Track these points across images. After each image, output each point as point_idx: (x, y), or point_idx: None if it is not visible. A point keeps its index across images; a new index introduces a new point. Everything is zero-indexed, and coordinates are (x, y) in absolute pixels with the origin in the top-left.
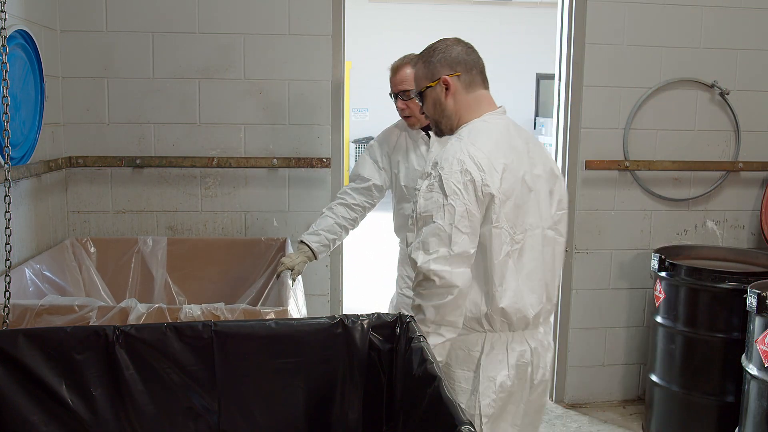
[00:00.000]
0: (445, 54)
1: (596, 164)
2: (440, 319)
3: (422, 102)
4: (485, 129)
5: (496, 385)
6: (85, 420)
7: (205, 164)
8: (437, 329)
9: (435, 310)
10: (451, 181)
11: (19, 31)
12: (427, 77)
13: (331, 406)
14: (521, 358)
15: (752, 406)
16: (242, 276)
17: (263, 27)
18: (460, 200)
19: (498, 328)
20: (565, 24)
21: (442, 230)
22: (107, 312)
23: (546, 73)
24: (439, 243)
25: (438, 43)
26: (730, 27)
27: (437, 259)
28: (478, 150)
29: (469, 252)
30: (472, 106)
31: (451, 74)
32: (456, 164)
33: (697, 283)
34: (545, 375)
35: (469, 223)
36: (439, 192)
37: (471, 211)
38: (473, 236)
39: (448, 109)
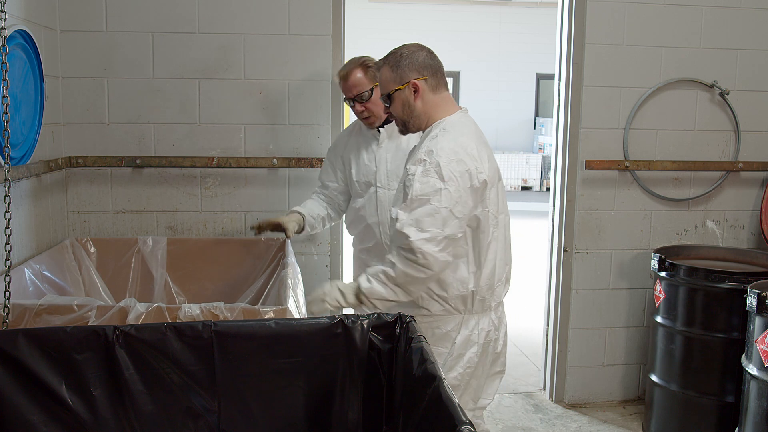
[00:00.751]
0: (412, 59)
1: (596, 164)
2: (403, 284)
3: (390, 103)
4: (464, 124)
5: (464, 360)
6: (85, 420)
7: (205, 164)
8: (395, 288)
9: (404, 276)
10: (449, 168)
11: (19, 31)
12: (396, 81)
13: (331, 406)
14: (487, 337)
15: (752, 406)
16: (242, 276)
17: (263, 27)
18: (456, 186)
19: (475, 309)
20: (565, 24)
21: (437, 212)
22: (106, 311)
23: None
24: (432, 223)
25: (403, 48)
26: (730, 27)
27: (429, 239)
28: (467, 141)
29: (457, 236)
30: (439, 106)
31: (419, 78)
32: (452, 154)
33: (697, 283)
34: (497, 348)
35: (462, 209)
36: (436, 177)
37: (464, 198)
38: (463, 222)
39: (417, 109)
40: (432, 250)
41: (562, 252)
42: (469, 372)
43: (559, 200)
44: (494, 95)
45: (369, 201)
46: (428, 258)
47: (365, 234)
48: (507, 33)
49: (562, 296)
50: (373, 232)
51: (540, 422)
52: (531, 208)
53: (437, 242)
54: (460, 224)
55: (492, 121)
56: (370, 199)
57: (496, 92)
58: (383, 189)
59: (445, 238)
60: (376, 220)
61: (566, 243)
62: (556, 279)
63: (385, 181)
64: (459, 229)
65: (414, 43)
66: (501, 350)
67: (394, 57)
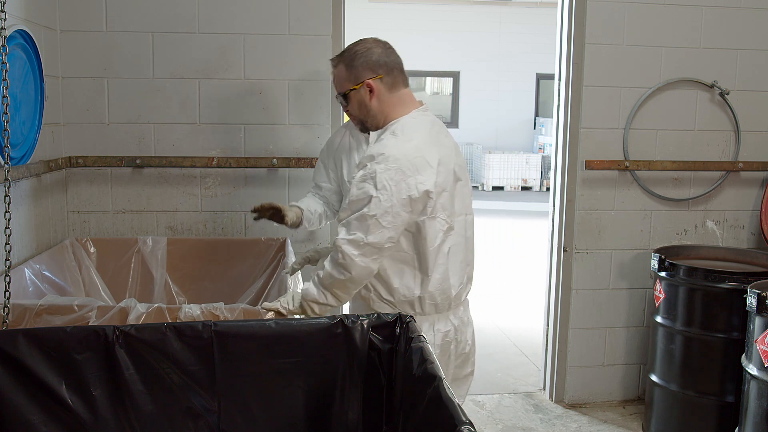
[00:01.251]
0: (366, 57)
1: (596, 164)
2: (329, 287)
3: (347, 103)
4: (416, 125)
5: None
6: (84, 420)
7: (205, 164)
8: (324, 291)
9: (329, 278)
10: (384, 177)
11: (19, 31)
12: (350, 80)
13: (331, 406)
14: (445, 338)
15: (752, 406)
16: (242, 276)
17: (263, 27)
18: (388, 196)
19: (426, 311)
20: (565, 24)
21: (364, 218)
22: (107, 312)
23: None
24: (358, 227)
25: (358, 45)
26: (730, 27)
27: (351, 241)
28: (413, 148)
29: (384, 245)
30: (396, 105)
31: (374, 77)
32: (392, 161)
33: (697, 283)
34: (465, 348)
35: (392, 219)
36: (371, 184)
37: (396, 208)
38: (393, 231)
39: (373, 109)
40: (351, 253)
41: (562, 252)
42: None
43: (559, 200)
44: (494, 95)
45: None
46: (346, 259)
47: None
48: (507, 33)
49: (562, 296)
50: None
51: (540, 422)
52: (531, 208)
53: (358, 246)
54: (388, 234)
55: (492, 121)
56: None
57: (496, 92)
58: None
59: (367, 244)
60: None
61: (566, 243)
62: (556, 279)
63: None
64: (385, 238)
65: (370, 38)
66: (470, 350)
67: (349, 55)
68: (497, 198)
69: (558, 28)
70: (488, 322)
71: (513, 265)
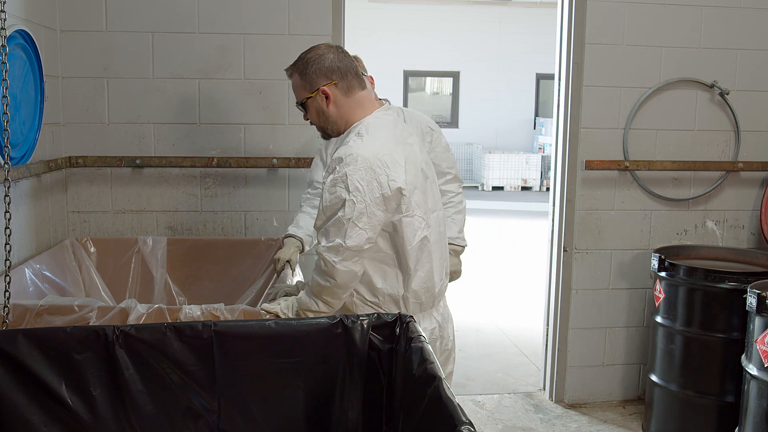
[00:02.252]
0: (318, 64)
1: (596, 164)
2: (318, 294)
3: (306, 111)
4: (380, 125)
5: None
6: (84, 420)
7: (205, 164)
8: (316, 299)
9: (317, 286)
10: (355, 178)
11: (19, 31)
12: (306, 89)
13: (331, 406)
14: (431, 336)
15: (752, 406)
16: (242, 276)
17: (263, 27)
18: (361, 197)
19: (411, 310)
20: (565, 24)
21: (341, 223)
22: (107, 312)
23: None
24: (336, 233)
25: (310, 53)
26: (730, 27)
27: (331, 248)
28: (380, 146)
29: (363, 247)
30: (355, 108)
31: (328, 83)
32: (361, 161)
33: (697, 283)
34: (448, 345)
35: (368, 220)
36: (343, 187)
37: (371, 208)
38: (370, 231)
39: (332, 116)
40: (333, 259)
41: (562, 252)
42: None
43: (559, 200)
44: (494, 95)
45: None
46: (328, 266)
47: None
48: (507, 33)
49: (562, 296)
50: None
51: (540, 422)
52: (531, 208)
53: (338, 252)
54: (366, 235)
55: (492, 121)
56: None
57: (496, 92)
58: None
59: (347, 249)
60: None
61: (566, 243)
62: (556, 279)
63: None
64: (364, 240)
65: (322, 44)
66: (451, 346)
67: (302, 63)
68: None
69: (558, 28)
70: (488, 322)
71: (513, 265)
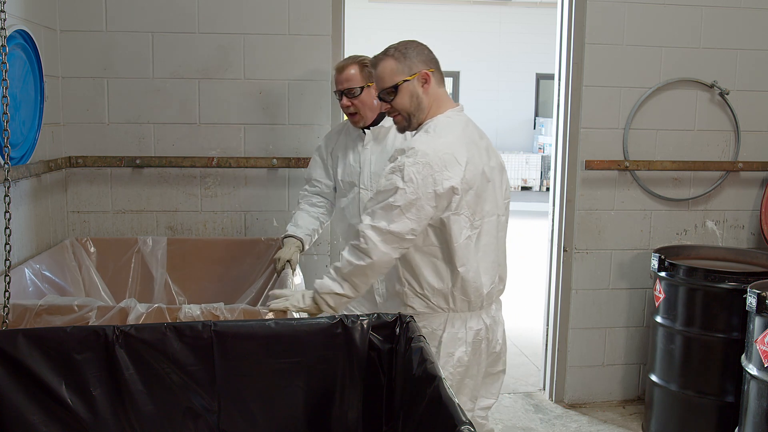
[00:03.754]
0: (419, 50)
1: (596, 164)
2: (347, 275)
3: (394, 96)
4: (449, 125)
5: (454, 359)
6: (84, 420)
7: (205, 164)
8: (342, 281)
9: (348, 265)
10: (412, 170)
11: (18, 31)
12: (404, 72)
13: (331, 406)
14: (477, 336)
15: (752, 406)
16: (242, 276)
17: (263, 27)
18: (413, 189)
19: (459, 307)
20: (565, 24)
21: (390, 207)
22: (107, 312)
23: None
24: (382, 215)
25: (405, 42)
26: (730, 27)
27: (374, 227)
28: (443, 144)
29: (404, 236)
30: (441, 99)
31: (428, 69)
32: (420, 156)
33: (697, 283)
34: (496, 347)
35: (416, 212)
36: (399, 176)
37: (421, 201)
38: (415, 223)
39: (424, 101)
40: (374, 238)
41: (562, 252)
42: (461, 371)
43: (559, 200)
44: (494, 95)
45: (352, 201)
46: (368, 243)
47: (347, 233)
48: (507, 33)
49: (561, 296)
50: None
51: (540, 422)
52: (531, 208)
53: (380, 232)
54: (411, 226)
55: (492, 121)
56: (353, 200)
57: (496, 92)
58: (366, 190)
59: (389, 232)
60: (357, 221)
61: (566, 243)
62: (556, 279)
63: (368, 182)
64: (407, 229)
65: (411, 39)
66: (500, 350)
67: (397, 50)
68: None
69: (558, 28)
70: None
71: (513, 265)
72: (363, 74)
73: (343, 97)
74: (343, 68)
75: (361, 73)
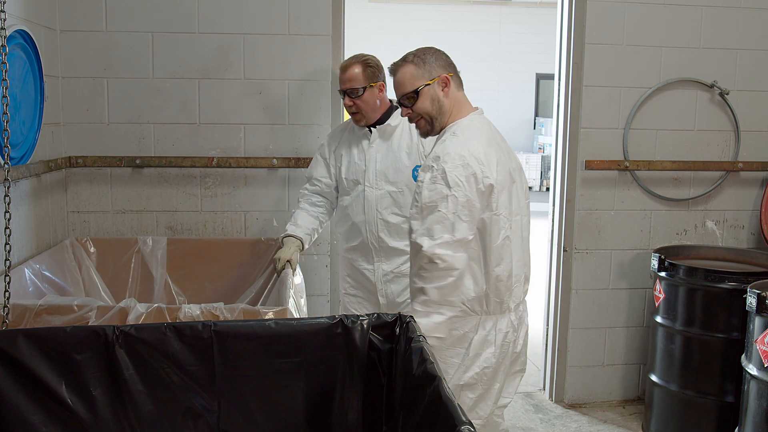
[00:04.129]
0: (438, 56)
1: (596, 164)
2: (442, 299)
3: (415, 101)
4: (474, 127)
5: (480, 359)
6: (84, 420)
7: (205, 164)
8: (439, 309)
9: (438, 291)
10: (454, 174)
11: (18, 31)
12: (424, 76)
13: (331, 406)
14: (505, 339)
15: (752, 406)
16: (242, 276)
17: (263, 27)
18: (462, 191)
19: (492, 309)
20: (564, 24)
21: (445, 218)
22: (107, 312)
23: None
24: (442, 230)
25: (423, 49)
26: (730, 27)
27: (441, 244)
28: (475, 145)
29: (468, 238)
30: (461, 103)
31: (447, 74)
32: (458, 159)
33: (697, 283)
34: (517, 348)
35: (469, 213)
36: (443, 184)
37: (471, 201)
38: (472, 224)
39: (445, 105)
40: (447, 253)
41: (562, 252)
42: (488, 372)
43: (559, 200)
44: (494, 95)
45: (356, 199)
46: (447, 260)
47: (351, 232)
48: (507, 33)
49: (561, 296)
50: (359, 231)
51: (540, 422)
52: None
53: (450, 246)
54: (470, 227)
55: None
56: (357, 198)
57: (496, 92)
58: (371, 188)
59: (456, 241)
60: (362, 218)
61: (566, 243)
62: (556, 279)
63: (373, 180)
64: (469, 232)
65: (429, 46)
66: (521, 350)
67: (416, 56)
68: None
69: (558, 28)
70: None
71: None
72: (366, 74)
73: (346, 96)
74: (346, 68)
75: (364, 73)
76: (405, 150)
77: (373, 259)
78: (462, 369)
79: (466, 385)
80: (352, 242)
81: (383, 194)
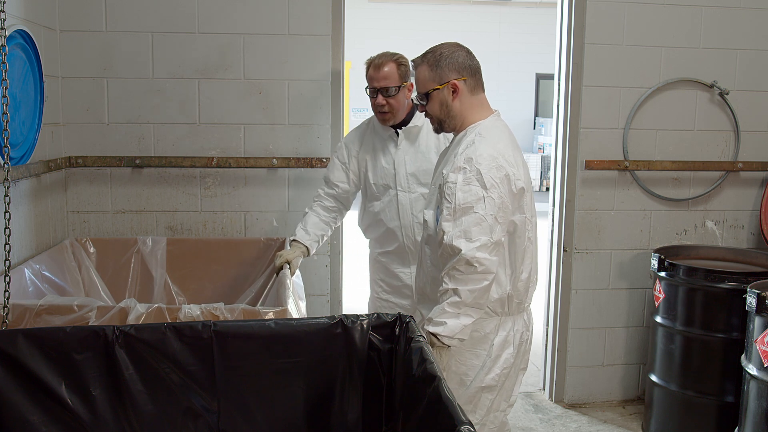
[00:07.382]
0: (451, 59)
1: (596, 164)
2: (473, 302)
3: (426, 102)
4: (497, 129)
5: (501, 361)
6: (84, 420)
7: (205, 164)
8: (467, 311)
9: (470, 294)
10: (490, 175)
11: (18, 31)
12: (435, 80)
13: (330, 406)
14: (522, 338)
15: (752, 406)
16: (242, 276)
17: (263, 27)
18: (497, 192)
19: (511, 310)
20: (564, 24)
21: (483, 220)
22: (106, 312)
23: (546, 73)
24: (480, 232)
25: (442, 47)
26: (730, 27)
27: (480, 247)
28: (503, 147)
29: (501, 240)
30: (476, 107)
31: (459, 78)
32: (491, 160)
33: (697, 283)
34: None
35: (503, 214)
36: (478, 185)
37: (505, 203)
38: (505, 226)
39: (454, 110)
40: (485, 257)
41: (562, 252)
42: (506, 373)
43: (559, 200)
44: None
45: (389, 205)
46: (485, 263)
47: (386, 238)
48: (507, 33)
49: (561, 296)
50: (395, 236)
51: (540, 422)
52: None
53: (487, 248)
54: (503, 229)
55: None
56: (390, 203)
57: (496, 92)
58: (404, 192)
59: (493, 243)
60: (397, 224)
61: (566, 243)
62: (556, 279)
63: (405, 184)
64: (502, 234)
65: (453, 42)
66: (527, 347)
67: (433, 56)
68: None
69: (558, 28)
70: None
71: None
72: (399, 73)
73: (378, 95)
74: (380, 66)
75: (397, 72)
76: (434, 150)
77: (410, 262)
78: (484, 371)
79: (486, 387)
80: (387, 247)
81: (417, 197)
